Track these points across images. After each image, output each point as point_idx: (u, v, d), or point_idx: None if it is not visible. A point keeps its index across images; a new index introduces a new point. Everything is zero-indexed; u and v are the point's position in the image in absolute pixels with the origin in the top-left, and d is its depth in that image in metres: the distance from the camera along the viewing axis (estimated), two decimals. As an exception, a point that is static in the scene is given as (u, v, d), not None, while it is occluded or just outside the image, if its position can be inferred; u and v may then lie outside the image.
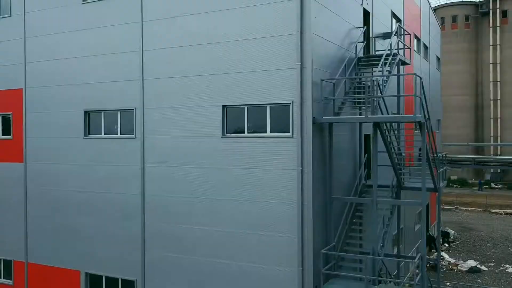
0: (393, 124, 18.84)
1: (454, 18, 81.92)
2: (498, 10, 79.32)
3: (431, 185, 17.59)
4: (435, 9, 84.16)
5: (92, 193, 18.36)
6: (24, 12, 19.90)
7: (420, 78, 15.39)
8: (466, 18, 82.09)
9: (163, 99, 16.73)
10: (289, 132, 14.67)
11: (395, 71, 18.94)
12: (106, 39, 17.96)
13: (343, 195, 16.78)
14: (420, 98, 14.64)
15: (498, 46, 78.62)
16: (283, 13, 14.61)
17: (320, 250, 14.70)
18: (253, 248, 15.18)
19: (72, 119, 18.77)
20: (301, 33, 14.32)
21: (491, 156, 30.83)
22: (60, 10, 18.97)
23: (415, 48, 30.80)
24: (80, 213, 18.66)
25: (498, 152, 78.61)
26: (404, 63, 18.78)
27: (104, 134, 18.25)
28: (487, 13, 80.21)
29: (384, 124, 14.99)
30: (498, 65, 78.82)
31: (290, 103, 14.55)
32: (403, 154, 18.99)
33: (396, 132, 18.18)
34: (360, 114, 17.67)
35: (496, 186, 73.57)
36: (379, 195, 18.07)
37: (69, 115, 18.86)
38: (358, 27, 18.54)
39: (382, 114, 15.27)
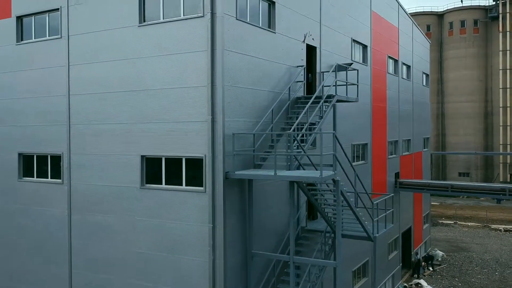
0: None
1: (462, 23, 79.77)
2: (508, 15, 76.81)
3: (365, 234, 16.79)
4: (442, 14, 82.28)
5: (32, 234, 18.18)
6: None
7: (334, 133, 14.63)
8: (475, 22, 79.79)
9: (87, 145, 16.39)
10: (202, 187, 14.14)
11: (336, 109, 18.24)
12: (37, 81, 17.71)
13: (275, 246, 16.17)
14: (334, 154, 13.85)
15: (508, 52, 76.18)
16: (195, 64, 14.06)
17: (236, 309, 14.16)
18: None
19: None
20: (212, 84, 13.76)
21: (469, 183, 29.54)
22: (-2, 49, 18.81)
23: (391, 70, 29.88)
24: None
25: (508, 161, 76.35)
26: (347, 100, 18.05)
27: (37, 177, 18.02)
28: (496, 18, 77.84)
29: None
30: (508, 71, 76.41)
31: (203, 157, 14.02)
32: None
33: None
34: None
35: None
36: (317, 241, 17.43)
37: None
38: (298, 66, 17.87)
39: (303, 168, 14.59)
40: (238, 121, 14.41)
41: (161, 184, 15.03)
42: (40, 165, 17.96)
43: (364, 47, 25.10)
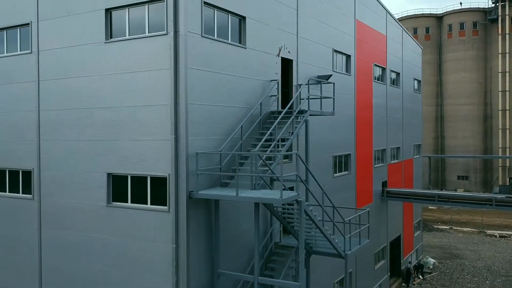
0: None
1: (461, 25, 79.32)
2: (507, 17, 76.34)
3: (335, 251, 16.58)
4: (441, 16, 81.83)
5: None
6: None
7: (297, 153, 14.39)
8: (474, 25, 79.32)
9: (56, 162, 16.30)
10: (166, 206, 14.00)
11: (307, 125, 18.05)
12: (8, 95, 17.63)
13: (246, 263, 16.02)
14: (297, 175, 13.63)
15: (507, 54, 75.67)
16: (159, 82, 13.93)
17: (200, 329, 14.01)
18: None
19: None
20: (175, 103, 13.61)
21: (455, 193, 29.21)
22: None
23: (379, 78, 29.65)
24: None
25: (507, 165, 75.83)
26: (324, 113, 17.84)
27: (9, 192, 17.95)
28: (496, 20, 77.30)
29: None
30: (507, 73, 75.89)
31: (167, 176, 13.88)
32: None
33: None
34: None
35: (503, 201, 70.92)
36: (291, 257, 17.24)
37: (-20, 170, 18.67)
38: (271, 80, 17.70)
39: (270, 187, 14.42)
40: (205, 139, 14.26)
41: (127, 202, 14.91)
42: (12, 180, 17.89)
43: (348, 56, 24.88)
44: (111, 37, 15.08)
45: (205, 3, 14.27)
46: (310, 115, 17.30)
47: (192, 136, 13.74)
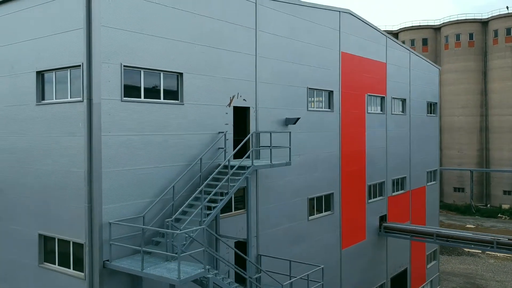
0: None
1: (508, 31, 74.86)
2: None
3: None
4: (486, 21, 77.56)
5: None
6: None
7: (204, 227, 13.71)
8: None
9: None
10: (82, 272, 13.92)
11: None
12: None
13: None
14: (205, 250, 13.02)
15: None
16: (74, 148, 13.88)
17: None
18: None
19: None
20: (90, 170, 13.50)
21: (455, 231, 27.05)
22: None
23: (376, 109, 28.36)
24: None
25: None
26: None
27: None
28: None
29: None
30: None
31: (83, 243, 13.79)
32: None
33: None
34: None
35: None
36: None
37: None
38: (219, 132, 17.22)
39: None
40: (128, 204, 14.02)
41: (55, 264, 14.98)
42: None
43: (330, 92, 23.89)
44: (43, 99, 15.21)
45: (126, 66, 14.01)
46: (258, 169, 16.65)
47: (107, 204, 13.55)
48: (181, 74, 15.81)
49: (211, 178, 15.70)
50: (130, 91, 14.31)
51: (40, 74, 15.17)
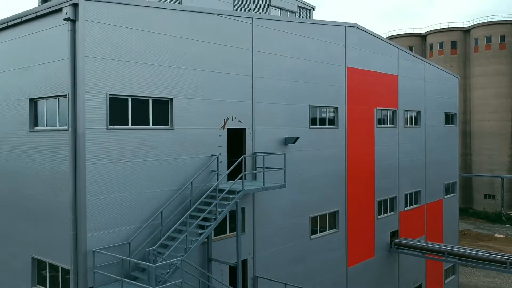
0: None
1: (488, 39, 73.94)
2: None
3: None
4: (468, 30, 76.37)
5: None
6: None
7: (182, 259, 13.70)
8: (502, 38, 73.83)
9: (-1, 238, 17.16)
10: (70, 299, 14.19)
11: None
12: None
13: None
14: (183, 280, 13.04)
15: None
16: (55, 175, 14.16)
17: None
18: None
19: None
20: (75, 199, 13.73)
21: (466, 250, 26.17)
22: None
23: (387, 122, 27.82)
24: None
25: None
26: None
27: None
28: None
29: None
30: None
31: (69, 269, 14.05)
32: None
33: None
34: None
35: None
36: None
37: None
38: (212, 155, 17.23)
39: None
40: (114, 231, 14.21)
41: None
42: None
43: (335, 108, 23.56)
44: (36, 125, 15.58)
45: (112, 95, 14.18)
46: (248, 193, 16.56)
47: (92, 232, 13.75)
48: (171, 99, 15.90)
49: (199, 202, 15.75)
50: (117, 118, 14.48)
51: (33, 101, 15.54)
